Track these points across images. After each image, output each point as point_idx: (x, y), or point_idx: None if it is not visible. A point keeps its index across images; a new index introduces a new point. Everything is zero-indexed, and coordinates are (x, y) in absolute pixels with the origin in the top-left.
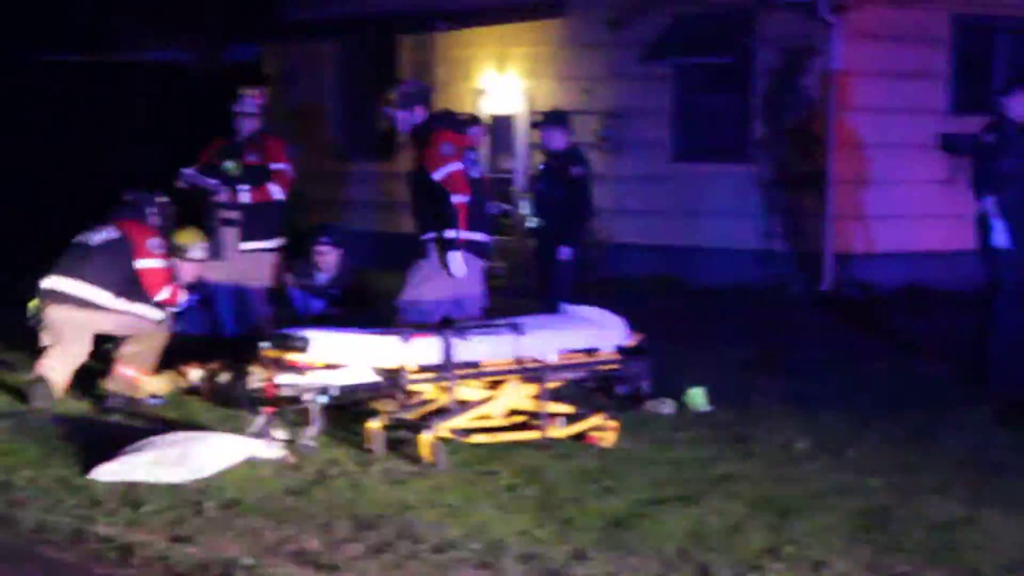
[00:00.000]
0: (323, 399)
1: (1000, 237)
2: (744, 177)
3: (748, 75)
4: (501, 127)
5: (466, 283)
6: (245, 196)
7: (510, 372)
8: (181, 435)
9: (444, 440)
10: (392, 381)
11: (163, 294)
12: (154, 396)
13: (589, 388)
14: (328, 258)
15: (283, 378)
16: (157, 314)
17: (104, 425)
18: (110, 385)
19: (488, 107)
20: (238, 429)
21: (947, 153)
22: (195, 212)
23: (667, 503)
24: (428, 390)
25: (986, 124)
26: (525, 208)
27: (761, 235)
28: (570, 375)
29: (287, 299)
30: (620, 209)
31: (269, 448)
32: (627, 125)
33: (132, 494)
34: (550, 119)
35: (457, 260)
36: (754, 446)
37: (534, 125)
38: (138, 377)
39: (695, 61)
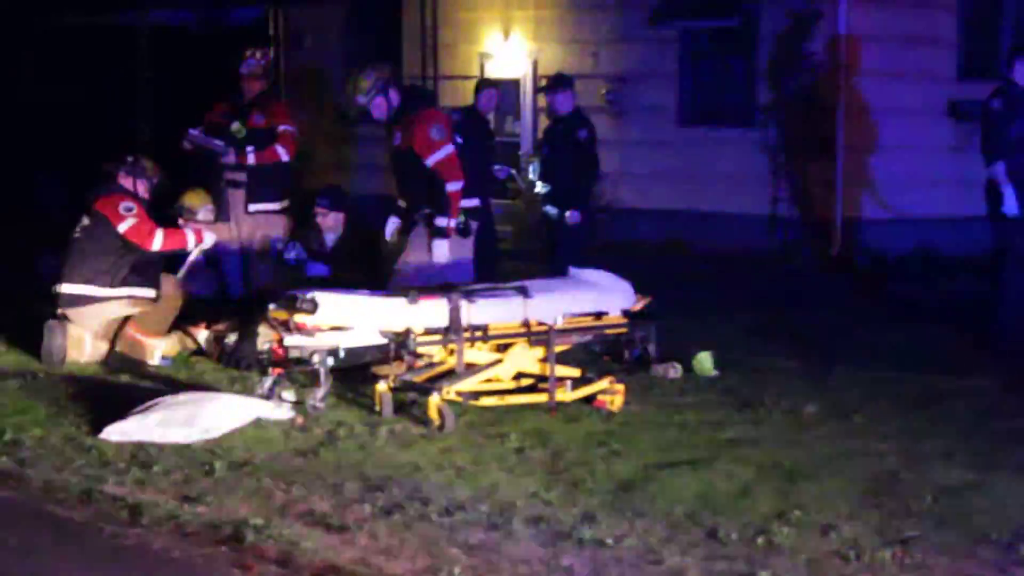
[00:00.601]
0: (331, 361)
1: (1010, 203)
2: (751, 142)
3: (755, 39)
4: (507, 91)
5: (463, 250)
6: (251, 158)
7: (517, 335)
8: (190, 395)
9: (452, 403)
10: (400, 343)
11: (156, 243)
12: (163, 357)
13: (596, 352)
14: (326, 220)
15: (291, 339)
16: (151, 292)
17: (113, 385)
18: (118, 345)
19: (493, 70)
20: (246, 390)
21: (956, 119)
22: (201, 174)
23: (675, 467)
24: (436, 353)
25: (994, 90)
26: (532, 172)
27: (769, 200)
28: (577, 338)
29: (284, 261)
30: (626, 173)
31: (277, 409)
32: (633, 89)
33: (141, 454)
34: (556, 83)
35: (444, 248)
36: (762, 410)
37: (540, 89)
38: (146, 340)
39: (701, 24)
